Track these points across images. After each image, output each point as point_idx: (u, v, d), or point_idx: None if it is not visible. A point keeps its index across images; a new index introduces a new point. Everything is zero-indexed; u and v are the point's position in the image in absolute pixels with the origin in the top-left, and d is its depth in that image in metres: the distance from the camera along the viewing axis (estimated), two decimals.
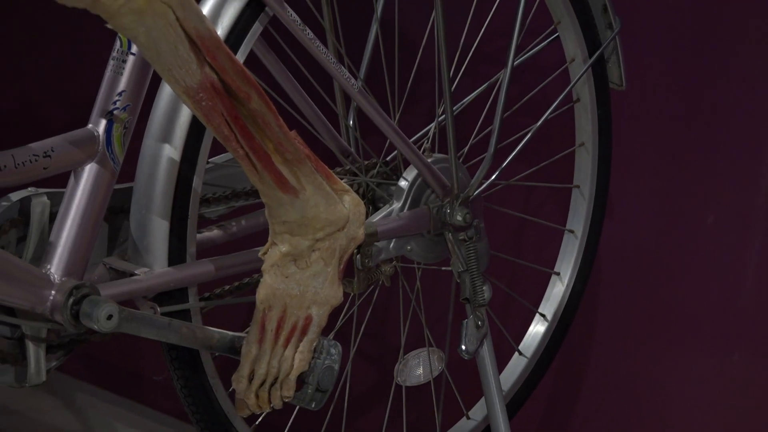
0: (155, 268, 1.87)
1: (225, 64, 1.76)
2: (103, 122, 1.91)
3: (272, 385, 1.94)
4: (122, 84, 1.93)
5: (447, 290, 2.27)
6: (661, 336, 2.65)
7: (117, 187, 1.90)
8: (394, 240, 2.11)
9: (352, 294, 2.12)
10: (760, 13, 2.69)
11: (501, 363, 2.28)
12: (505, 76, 2.18)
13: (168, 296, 1.87)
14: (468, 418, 2.36)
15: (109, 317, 1.70)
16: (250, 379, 1.91)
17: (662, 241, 2.67)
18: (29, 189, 1.90)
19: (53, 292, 1.73)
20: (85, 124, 1.93)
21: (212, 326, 1.93)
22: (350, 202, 1.91)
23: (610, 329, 2.69)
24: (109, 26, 1.69)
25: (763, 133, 2.65)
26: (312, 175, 1.84)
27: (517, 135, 2.25)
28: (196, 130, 1.90)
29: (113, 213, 1.94)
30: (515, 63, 2.19)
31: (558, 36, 2.31)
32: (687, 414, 2.66)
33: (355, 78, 2.09)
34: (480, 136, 2.25)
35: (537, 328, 2.40)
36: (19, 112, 3.45)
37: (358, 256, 2.06)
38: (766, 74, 2.66)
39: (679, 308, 2.62)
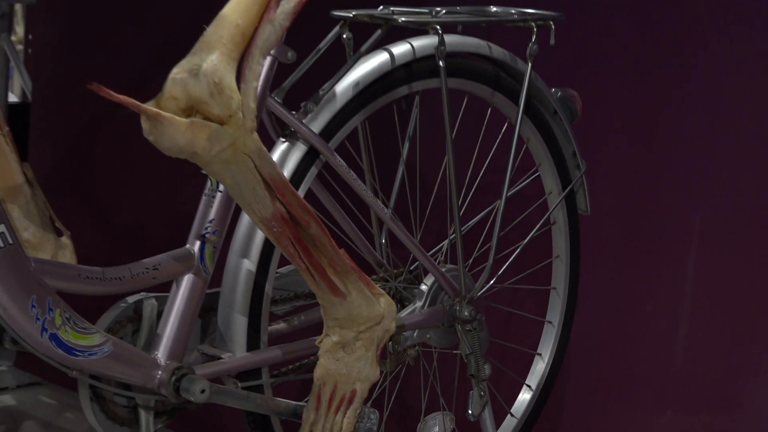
0: (237, 353, 1.99)
1: (291, 199, 1.84)
2: (198, 243, 2.02)
3: None
4: (212, 214, 2.03)
5: (457, 368, 2.37)
6: (616, 398, 2.78)
7: (208, 291, 2.02)
8: (417, 330, 2.22)
9: (385, 371, 2.21)
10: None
11: (497, 423, 2.42)
12: (500, 204, 2.28)
13: (247, 374, 2.00)
14: None
15: (203, 391, 1.84)
16: None
17: (613, 328, 2.79)
18: (141, 294, 2.01)
19: (160, 372, 1.86)
20: (184, 243, 2.05)
21: (280, 397, 2.06)
22: (385, 303, 2.01)
23: (580, 395, 2.82)
24: (203, 172, 1.83)
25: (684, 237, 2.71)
26: (356, 282, 1.95)
27: (509, 249, 2.36)
28: (268, 248, 2.02)
29: (205, 311, 2.06)
30: (508, 194, 2.30)
31: (539, 174, 2.39)
32: None
33: (386, 207, 2.22)
34: (482, 250, 2.35)
35: (524, 396, 2.52)
36: (133, 232, 3.61)
37: (390, 343, 2.15)
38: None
39: (624, 376, 2.74)
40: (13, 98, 4.85)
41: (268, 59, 1.89)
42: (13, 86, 5.00)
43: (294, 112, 2.02)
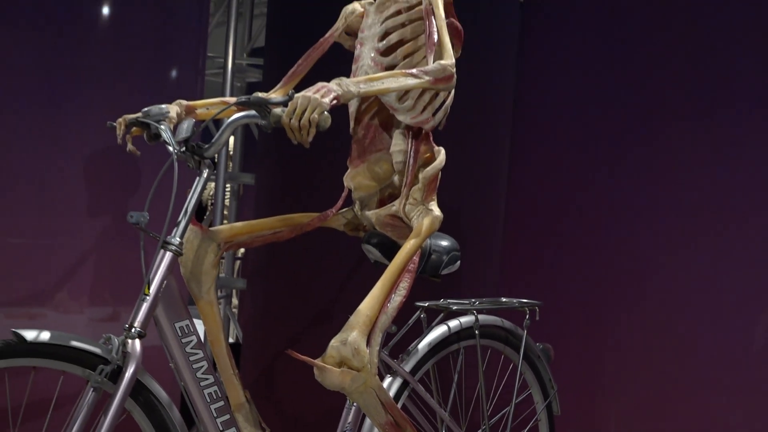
0: None
1: (395, 413, 1.87)
2: None
3: None
4: (350, 418, 1.98)
5: None
6: None
7: None
8: None
9: None
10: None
11: None
12: (510, 410, 2.17)
13: None
14: None
15: None
16: None
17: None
18: None
19: None
20: None
21: None
22: None
23: None
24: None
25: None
26: None
27: None
28: None
29: None
30: (517, 401, 2.17)
31: (530, 392, 2.32)
32: None
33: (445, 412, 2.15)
34: None
35: None
36: None
37: None
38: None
39: None
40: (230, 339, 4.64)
41: (384, 333, 1.85)
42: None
43: (395, 360, 2.05)
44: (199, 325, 1.87)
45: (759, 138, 2.25)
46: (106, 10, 2.91)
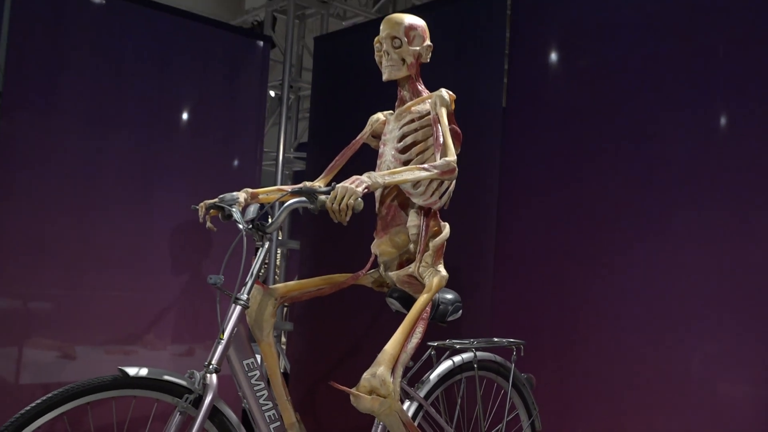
0: None
1: (413, 431, 1.85)
2: None
3: None
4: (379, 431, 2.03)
5: None
6: None
7: None
8: None
9: None
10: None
11: None
12: (503, 427, 2.14)
13: None
14: None
15: None
16: None
17: None
18: None
19: None
20: None
21: None
22: None
23: None
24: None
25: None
26: None
27: None
28: None
29: None
30: (507, 419, 2.14)
31: (518, 413, 2.27)
32: None
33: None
34: None
35: None
36: None
37: None
38: None
39: None
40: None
41: (403, 367, 1.82)
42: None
43: (412, 388, 2.02)
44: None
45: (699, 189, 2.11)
46: (185, 116, 3.01)
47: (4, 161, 2.59)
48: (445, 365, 2.07)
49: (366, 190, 1.69)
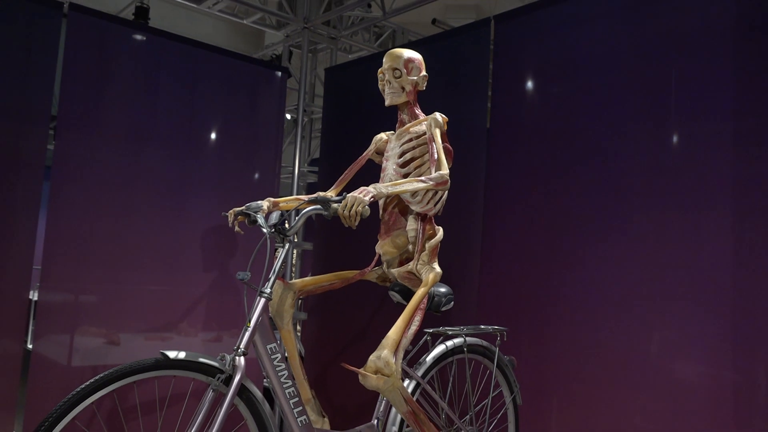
0: None
1: (412, 405, 1.82)
2: (376, 421, 1.88)
3: None
4: (381, 407, 1.94)
5: None
6: None
7: None
8: None
9: None
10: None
11: None
12: (488, 402, 2.10)
13: None
14: None
15: None
16: None
17: None
18: None
19: None
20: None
21: None
22: None
23: None
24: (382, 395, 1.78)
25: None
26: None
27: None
28: (402, 423, 1.89)
29: None
30: (493, 395, 2.09)
31: (501, 390, 2.21)
32: None
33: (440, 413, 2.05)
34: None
35: None
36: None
37: None
38: None
39: None
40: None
41: (404, 350, 1.82)
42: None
43: (411, 368, 2.00)
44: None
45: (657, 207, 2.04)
46: (214, 135, 2.99)
47: (59, 174, 2.60)
48: (439, 349, 2.04)
49: (372, 199, 1.68)
